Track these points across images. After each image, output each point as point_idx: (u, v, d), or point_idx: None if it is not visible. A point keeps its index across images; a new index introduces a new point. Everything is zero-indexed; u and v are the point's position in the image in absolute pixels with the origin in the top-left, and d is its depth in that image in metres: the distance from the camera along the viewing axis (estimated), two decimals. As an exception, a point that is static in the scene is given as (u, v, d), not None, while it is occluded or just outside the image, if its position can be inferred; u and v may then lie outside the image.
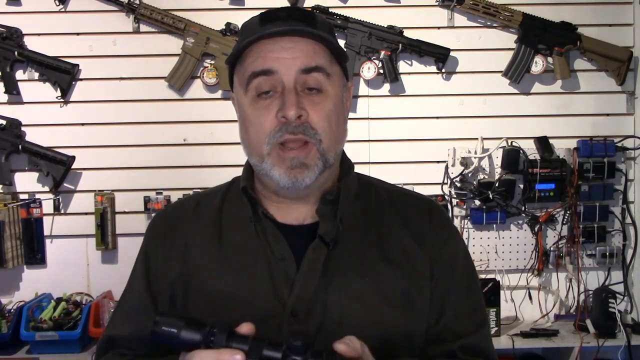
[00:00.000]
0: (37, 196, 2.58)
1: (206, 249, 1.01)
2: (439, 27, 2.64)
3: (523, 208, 2.63)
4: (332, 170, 1.01)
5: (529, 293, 2.68)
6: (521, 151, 2.59)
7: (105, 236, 2.56)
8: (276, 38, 0.93)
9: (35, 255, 2.58)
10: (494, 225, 2.64)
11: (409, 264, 0.99)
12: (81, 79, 2.60)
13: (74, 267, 2.61)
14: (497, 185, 2.57)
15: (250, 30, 0.96)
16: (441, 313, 1.00)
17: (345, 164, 1.06)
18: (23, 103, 2.59)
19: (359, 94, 2.64)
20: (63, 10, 2.59)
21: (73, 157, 2.54)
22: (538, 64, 2.61)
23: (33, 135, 2.56)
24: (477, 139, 2.62)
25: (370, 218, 1.02)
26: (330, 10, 2.56)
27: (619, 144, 2.63)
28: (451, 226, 1.09)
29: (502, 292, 2.56)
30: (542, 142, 2.61)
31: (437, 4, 2.63)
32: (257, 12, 0.99)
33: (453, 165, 2.61)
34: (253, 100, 0.95)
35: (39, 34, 2.58)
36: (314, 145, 0.93)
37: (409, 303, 0.97)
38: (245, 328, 0.79)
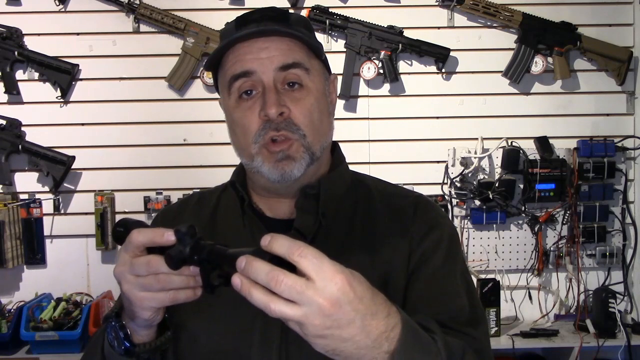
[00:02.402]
0: (37, 196, 2.58)
1: None
2: (439, 27, 2.64)
3: (523, 208, 2.63)
4: (321, 165, 1.02)
5: (529, 293, 2.68)
6: (521, 151, 2.59)
7: (105, 236, 2.56)
8: (252, 40, 0.95)
9: (35, 255, 2.58)
10: (494, 225, 2.64)
11: (389, 255, 0.98)
12: (81, 79, 2.60)
13: (74, 267, 2.61)
14: (497, 185, 2.57)
15: (226, 35, 0.99)
16: (404, 304, 0.95)
17: (337, 159, 1.07)
18: (23, 103, 2.59)
19: (359, 94, 2.64)
20: (63, 10, 2.59)
21: (73, 157, 2.54)
22: (538, 64, 2.61)
23: (33, 135, 2.56)
24: (477, 139, 2.62)
25: (359, 216, 1.02)
26: (330, 10, 2.57)
27: (619, 144, 2.63)
28: (437, 219, 1.03)
29: (502, 292, 2.56)
30: (542, 142, 2.61)
31: (437, 4, 2.63)
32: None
33: (453, 165, 2.61)
34: (236, 103, 0.97)
35: (39, 34, 2.58)
36: (297, 140, 0.95)
37: (384, 287, 0.93)
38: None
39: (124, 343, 0.86)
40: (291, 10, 2.52)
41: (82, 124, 2.60)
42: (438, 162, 2.64)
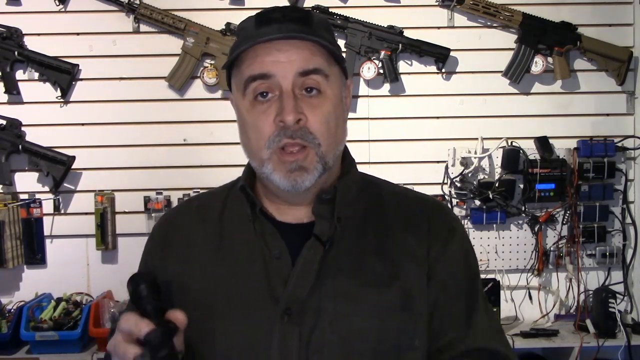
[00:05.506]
0: (37, 196, 2.58)
1: (206, 247, 1.01)
2: (439, 27, 2.64)
3: (523, 208, 2.63)
4: (332, 170, 1.00)
5: (529, 293, 2.68)
6: (521, 151, 2.59)
7: (105, 236, 2.56)
8: (272, 41, 0.92)
9: (35, 255, 2.58)
10: (494, 225, 2.63)
11: (407, 264, 0.97)
12: (81, 79, 2.60)
13: (74, 267, 2.61)
14: (497, 185, 2.57)
15: (246, 33, 0.95)
16: (434, 320, 0.97)
17: (347, 162, 1.05)
18: (23, 103, 2.59)
19: (359, 94, 2.64)
20: (63, 10, 2.59)
21: (73, 157, 2.54)
22: (538, 64, 2.61)
23: (33, 135, 2.56)
24: (477, 139, 2.62)
25: (371, 219, 1.01)
26: (330, 10, 2.56)
27: (619, 144, 2.63)
28: (454, 227, 1.04)
29: (502, 292, 2.56)
30: (542, 142, 2.61)
31: (437, 4, 2.63)
32: (257, 12, 0.98)
33: (453, 165, 2.61)
34: (251, 105, 0.94)
35: (39, 34, 2.58)
36: (312, 149, 0.93)
37: (407, 303, 0.95)
38: (179, 316, 0.83)
39: None
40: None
41: (82, 124, 2.60)
42: (438, 162, 2.64)
